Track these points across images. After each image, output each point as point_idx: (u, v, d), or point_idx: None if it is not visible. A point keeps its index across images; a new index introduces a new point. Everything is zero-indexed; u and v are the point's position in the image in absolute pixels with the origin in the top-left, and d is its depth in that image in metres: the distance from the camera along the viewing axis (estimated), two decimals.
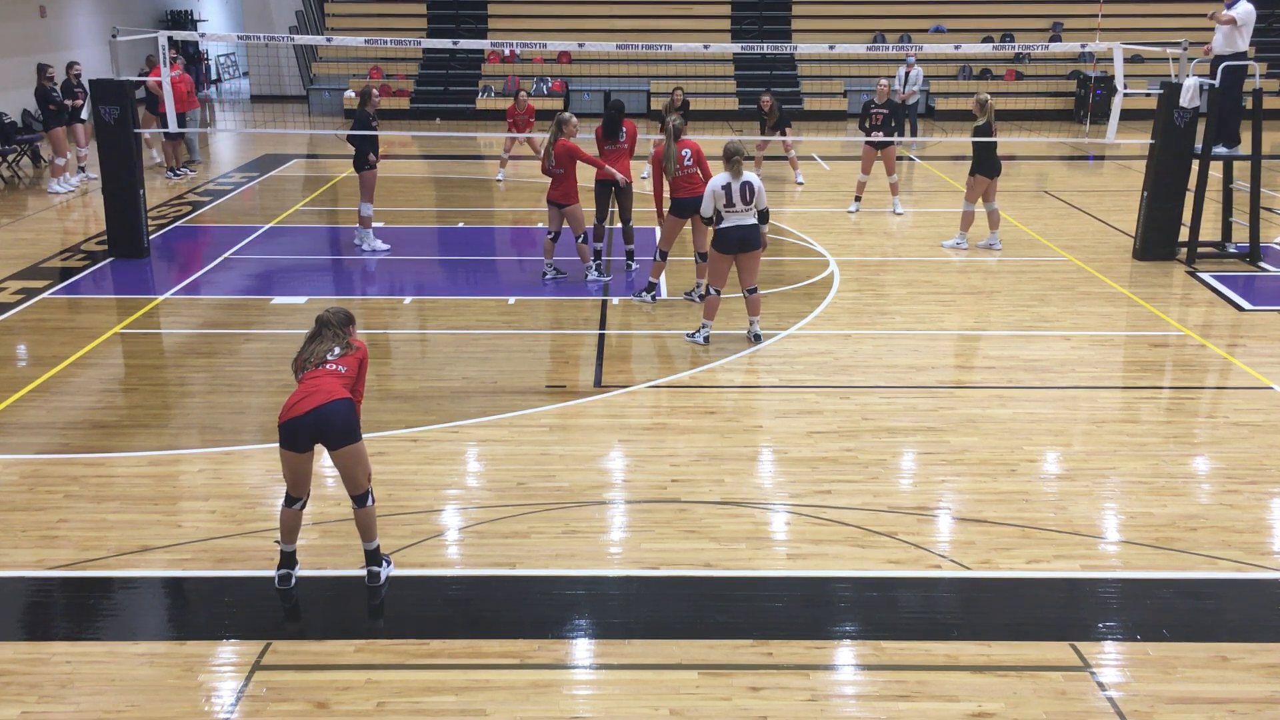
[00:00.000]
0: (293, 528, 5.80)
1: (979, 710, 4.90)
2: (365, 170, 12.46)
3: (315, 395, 5.48)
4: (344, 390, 5.56)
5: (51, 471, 7.22)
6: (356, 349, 5.79)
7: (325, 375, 5.58)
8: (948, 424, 8.02)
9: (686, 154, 10.52)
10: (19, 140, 18.05)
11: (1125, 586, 5.97)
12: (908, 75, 20.61)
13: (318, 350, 5.68)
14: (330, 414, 5.45)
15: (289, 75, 27.66)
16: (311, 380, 5.57)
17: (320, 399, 5.46)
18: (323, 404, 5.45)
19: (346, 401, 5.54)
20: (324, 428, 5.47)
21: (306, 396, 5.49)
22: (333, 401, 5.47)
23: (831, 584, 5.95)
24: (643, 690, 5.03)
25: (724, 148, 9.30)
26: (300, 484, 5.66)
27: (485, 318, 10.54)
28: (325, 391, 5.49)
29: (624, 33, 25.25)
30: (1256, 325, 10.42)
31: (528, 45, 14.39)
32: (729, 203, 9.18)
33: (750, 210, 9.26)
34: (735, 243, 9.31)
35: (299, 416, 5.45)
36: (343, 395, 5.53)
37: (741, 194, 9.19)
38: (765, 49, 21.91)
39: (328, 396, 5.47)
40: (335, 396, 5.48)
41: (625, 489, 7.05)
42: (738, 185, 9.19)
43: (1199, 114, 12.27)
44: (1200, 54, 12.69)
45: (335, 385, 5.54)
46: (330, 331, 5.74)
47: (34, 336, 9.99)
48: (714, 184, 9.22)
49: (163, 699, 4.94)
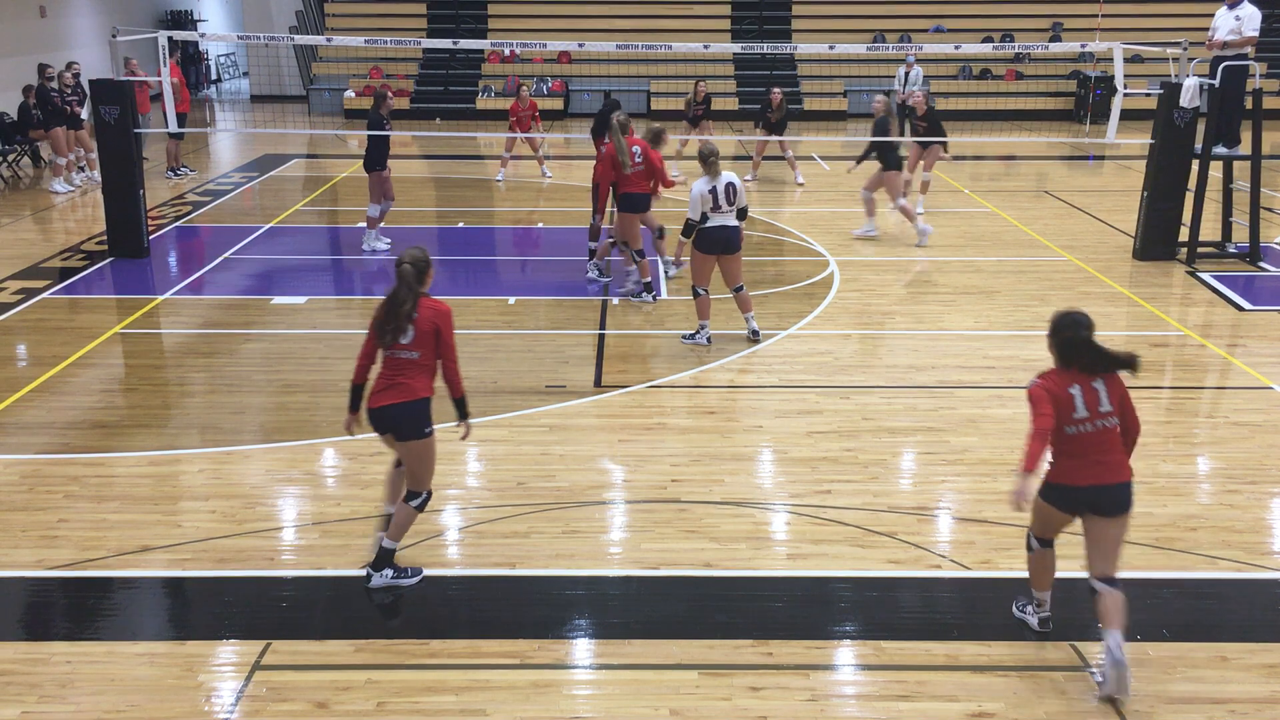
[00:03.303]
0: (397, 486, 6.00)
1: (979, 710, 4.90)
2: (375, 172, 12.50)
3: (392, 391, 5.61)
4: (421, 386, 5.63)
5: (51, 471, 7.22)
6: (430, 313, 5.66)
7: (405, 366, 5.63)
8: (948, 424, 8.01)
9: (637, 151, 10.66)
10: (18, 142, 18.05)
11: (1125, 586, 5.95)
12: (907, 75, 20.59)
13: (399, 318, 5.57)
14: (400, 414, 5.61)
15: (289, 75, 27.67)
16: (392, 370, 5.65)
17: (395, 397, 5.60)
18: (395, 403, 5.60)
19: (420, 402, 5.63)
20: (393, 425, 5.64)
21: (387, 389, 5.63)
22: (405, 403, 5.59)
23: (831, 584, 5.95)
24: (643, 690, 5.03)
25: (699, 150, 9.41)
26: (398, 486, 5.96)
27: (485, 318, 10.54)
28: (402, 388, 5.60)
29: (624, 33, 25.25)
30: (1256, 325, 10.42)
31: (528, 45, 14.40)
32: (715, 205, 9.26)
33: (732, 210, 9.34)
34: (719, 243, 9.36)
35: (374, 409, 5.64)
36: (418, 396, 5.61)
37: (726, 194, 9.27)
38: (765, 49, 21.91)
39: (402, 396, 5.59)
40: (409, 398, 5.59)
41: (625, 489, 7.05)
42: (721, 186, 9.26)
43: (1199, 114, 12.26)
44: (1202, 53, 12.68)
45: (412, 381, 5.62)
46: (405, 288, 5.62)
47: (34, 336, 9.99)
48: (699, 188, 9.27)
49: (163, 699, 4.94)
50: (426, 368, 5.66)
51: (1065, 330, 5.11)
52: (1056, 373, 5.14)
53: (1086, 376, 5.08)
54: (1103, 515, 5.07)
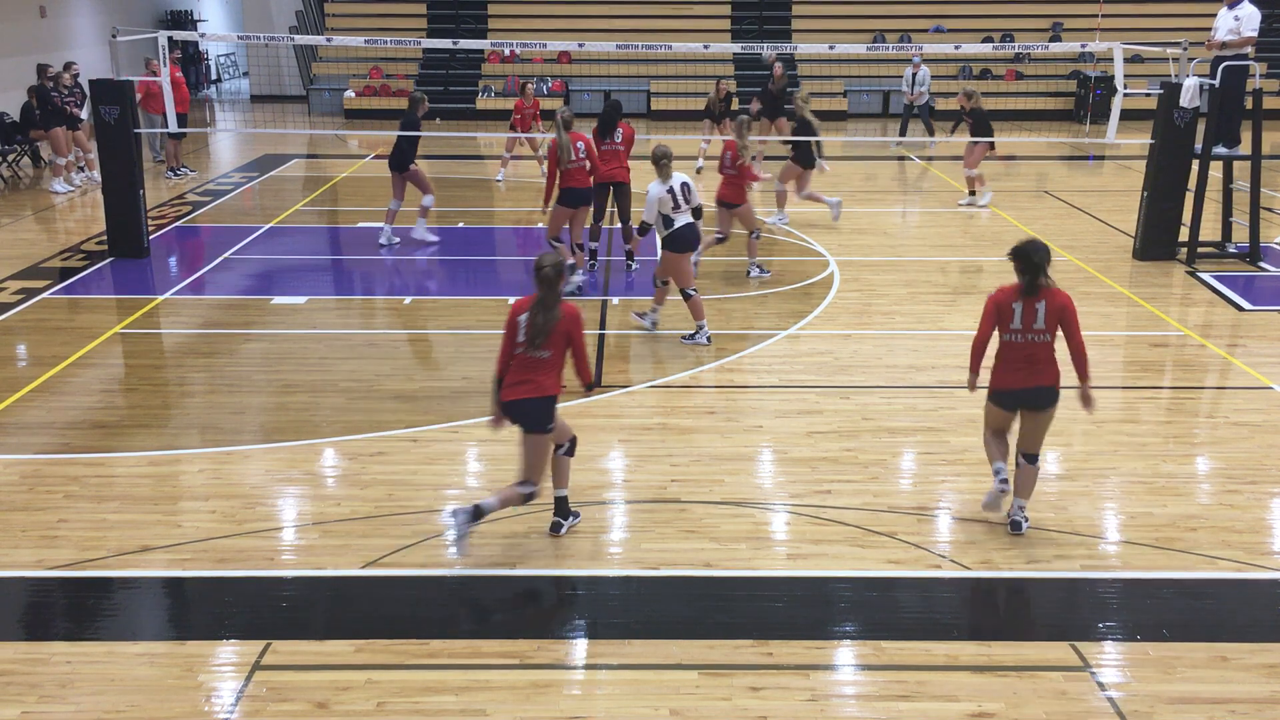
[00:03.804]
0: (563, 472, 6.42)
1: (979, 710, 4.90)
2: (407, 170, 12.77)
3: (525, 387, 6.00)
4: (551, 384, 6.03)
5: (51, 471, 7.22)
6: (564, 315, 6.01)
7: (538, 365, 6.00)
8: (948, 424, 8.02)
9: (580, 146, 10.91)
10: (19, 142, 18.05)
11: (1125, 586, 5.97)
12: (914, 76, 20.57)
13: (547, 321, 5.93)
14: (531, 409, 6.02)
15: (289, 75, 27.65)
16: (525, 368, 6.01)
17: (527, 393, 6.00)
18: (526, 398, 6.00)
19: (549, 399, 6.04)
20: (521, 418, 6.06)
21: (519, 384, 6.01)
22: (537, 399, 6.00)
23: (831, 584, 5.95)
24: (643, 690, 5.03)
25: (652, 152, 9.61)
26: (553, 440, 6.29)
27: (485, 318, 10.53)
28: (533, 385, 6.00)
29: (624, 33, 25.24)
30: (1256, 325, 10.42)
31: (528, 45, 14.41)
32: (676, 205, 9.47)
33: (688, 210, 9.56)
34: (691, 241, 9.62)
35: (506, 402, 6.06)
36: (547, 393, 6.02)
37: (683, 194, 9.52)
38: (765, 49, 21.89)
39: (532, 392, 6.00)
40: (539, 394, 6.00)
41: (625, 489, 7.05)
42: (677, 186, 9.50)
43: (1199, 114, 12.26)
44: (1202, 53, 12.68)
45: (544, 379, 6.02)
46: (551, 292, 5.94)
47: (34, 336, 9.99)
48: (655, 191, 9.47)
49: (163, 699, 4.94)
50: (556, 366, 6.05)
51: (1029, 254, 6.09)
52: (1011, 288, 6.18)
53: (1031, 297, 6.09)
54: (1034, 410, 6.24)
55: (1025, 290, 6.09)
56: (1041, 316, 6.08)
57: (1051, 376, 6.18)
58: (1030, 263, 6.06)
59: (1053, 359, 6.17)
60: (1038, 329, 6.10)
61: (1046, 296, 6.08)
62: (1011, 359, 6.18)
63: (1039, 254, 6.07)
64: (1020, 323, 6.11)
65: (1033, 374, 6.14)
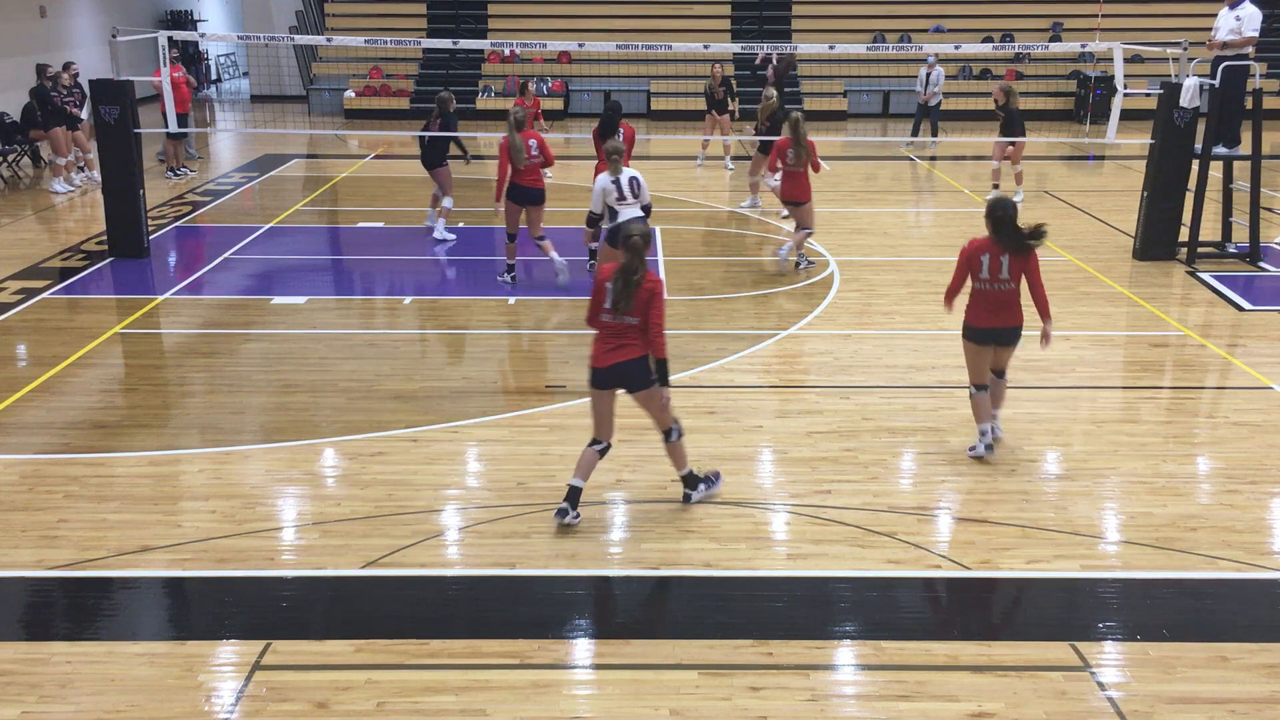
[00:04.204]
0: (588, 466, 6.56)
1: (979, 710, 4.90)
2: (441, 167, 13.22)
3: (621, 351, 6.32)
4: (642, 346, 6.33)
5: (51, 471, 7.22)
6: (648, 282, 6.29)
7: (627, 330, 6.31)
8: (948, 424, 8.02)
9: (533, 145, 11.08)
10: (19, 142, 18.05)
11: (1125, 586, 5.97)
12: (929, 77, 20.55)
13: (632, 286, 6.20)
14: (632, 369, 6.35)
15: (289, 75, 27.65)
16: (615, 334, 6.33)
17: (624, 355, 6.32)
18: (625, 360, 6.32)
19: (645, 358, 6.37)
20: (624, 380, 6.38)
21: (614, 350, 6.32)
22: (634, 359, 6.33)
23: (831, 584, 5.95)
24: (643, 690, 5.02)
25: (604, 147, 9.77)
26: (603, 424, 6.53)
27: (485, 318, 10.54)
28: (628, 348, 6.32)
29: (624, 33, 25.23)
30: (1256, 325, 10.42)
31: (528, 45, 14.41)
32: (620, 196, 9.59)
33: (637, 204, 9.67)
34: None
35: (605, 369, 6.36)
36: (640, 354, 6.34)
37: (630, 187, 9.62)
38: (765, 49, 21.89)
39: (629, 354, 6.32)
40: (635, 355, 6.33)
41: (625, 489, 7.05)
42: (625, 179, 9.61)
43: (1199, 114, 12.26)
44: (1202, 53, 12.68)
45: (635, 342, 6.32)
46: (638, 258, 6.24)
47: (34, 336, 9.99)
48: (601, 181, 9.67)
49: (163, 699, 4.94)
50: (643, 331, 6.32)
51: (996, 211, 6.96)
52: (983, 240, 7.04)
53: (999, 249, 6.96)
54: (1001, 346, 7.29)
55: (992, 244, 6.98)
56: (1006, 268, 6.97)
57: (1017, 319, 7.16)
58: (1004, 220, 6.91)
59: (1018, 304, 7.12)
60: (1003, 279, 7.00)
61: (1010, 250, 6.96)
62: (982, 303, 7.13)
63: (1005, 210, 6.94)
64: (988, 273, 7.01)
65: (1000, 317, 7.12)
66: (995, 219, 6.94)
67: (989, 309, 7.10)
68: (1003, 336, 7.21)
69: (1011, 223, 6.90)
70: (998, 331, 7.17)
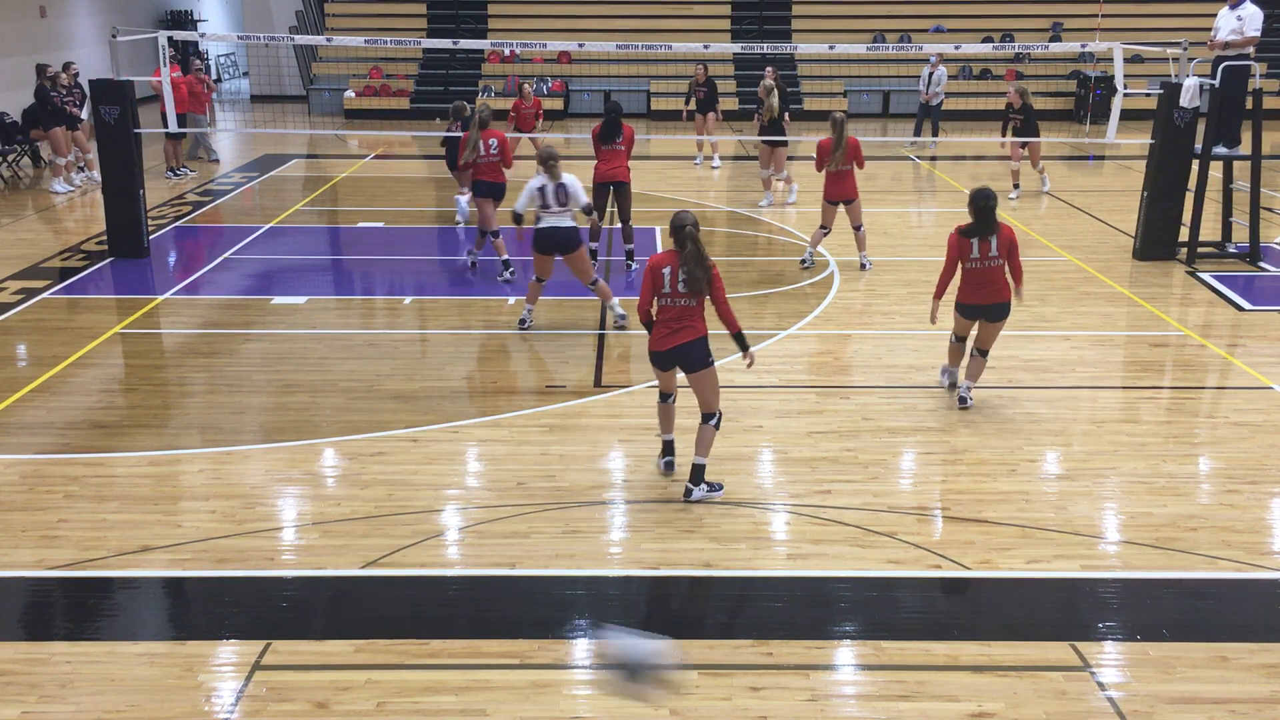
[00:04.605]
0: (668, 419, 7.15)
1: (979, 710, 4.90)
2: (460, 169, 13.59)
3: (683, 332, 6.69)
4: (702, 326, 6.74)
5: (51, 471, 7.22)
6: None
7: (686, 312, 6.69)
8: (948, 424, 8.02)
9: (493, 143, 11.41)
10: (19, 142, 18.05)
11: (1125, 586, 5.97)
12: (931, 76, 20.55)
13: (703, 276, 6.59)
14: (693, 349, 6.70)
15: (289, 75, 27.64)
16: (675, 316, 6.70)
17: (686, 336, 6.69)
18: (687, 341, 6.69)
19: (705, 338, 6.74)
20: (685, 359, 6.71)
21: (676, 332, 6.70)
22: (696, 340, 6.70)
23: (831, 584, 5.95)
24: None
25: (539, 153, 9.78)
26: (669, 384, 7.03)
27: (485, 318, 10.54)
28: (689, 329, 6.69)
29: (624, 33, 25.23)
30: (1256, 325, 10.42)
31: (528, 45, 14.41)
32: (544, 204, 9.59)
33: (566, 212, 9.64)
34: (553, 243, 9.69)
35: (666, 350, 6.74)
36: (702, 334, 6.72)
37: (556, 196, 9.57)
38: (765, 49, 21.88)
39: (690, 335, 6.69)
40: (697, 335, 6.70)
41: (625, 489, 7.05)
42: (552, 187, 9.55)
43: (1199, 114, 12.26)
44: (1202, 53, 12.67)
45: (696, 323, 6.72)
46: (694, 244, 6.59)
47: (34, 336, 9.99)
48: (530, 185, 9.66)
49: (163, 699, 4.94)
50: (701, 311, 6.72)
51: (980, 200, 7.80)
52: (967, 226, 7.88)
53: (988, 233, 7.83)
54: (988, 321, 8.07)
55: (979, 229, 7.82)
56: (995, 246, 7.85)
57: (1005, 294, 8.00)
58: (987, 208, 7.78)
59: (1004, 281, 7.95)
60: (992, 256, 7.87)
61: (996, 231, 7.83)
62: (973, 282, 7.96)
63: (988, 199, 7.79)
64: (978, 253, 7.86)
65: (990, 293, 7.95)
66: (983, 208, 7.80)
67: (979, 286, 7.93)
68: (990, 312, 8.01)
69: (994, 211, 7.82)
70: (986, 308, 7.99)
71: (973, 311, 8.08)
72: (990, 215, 7.79)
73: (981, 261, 7.89)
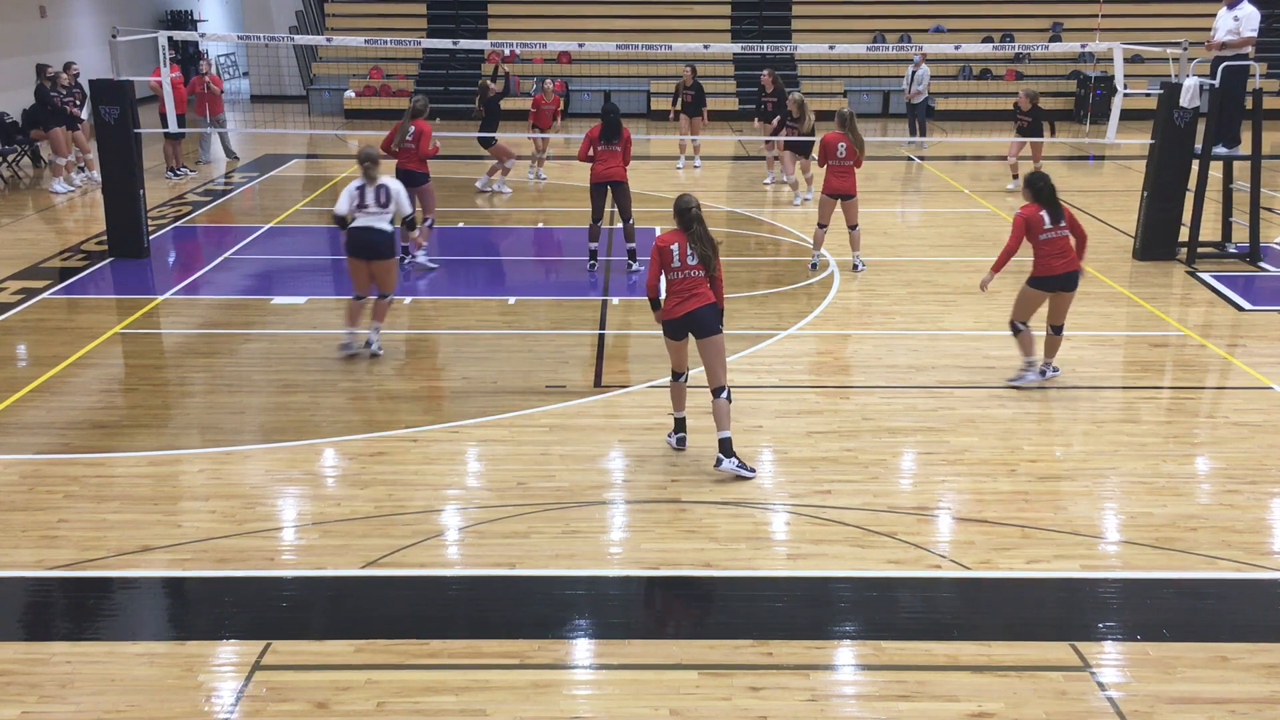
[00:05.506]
0: (680, 398, 7.50)
1: (979, 710, 4.90)
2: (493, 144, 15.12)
3: (693, 300, 7.06)
4: (711, 294, 7.11)
5: (51, 471, 7.22)
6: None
7: (696, 282, 7.08)
8: (948, 424, 8.02)
9: (412, 131, 11.71)
10: (19, 142, 18.05)
11: (1125, 586, 5.97)
12: (914, 75, 20.55)
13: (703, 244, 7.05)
14: (705, 314, 7.07)
15: (289, 75, 27.63)
16: (685, 287, 7.08)
17: (698, 303, 7.06)
18: (699, 307, 7.05)
19: (713, 305, 7.10)
20: (698, 325, 7.07)
21: (687, 299, 7.07)
22: (708, 305, 7.08)
23: (831, 584, 5.95)
24: (643, 690, 5.03)
25: (358, 154, 9.54)
26: (681, 362, 7.36)
27: (485, 318, 10.54)
28: (700, 296, 7.07)
29: (624, 33, 25.21)
30: (1256, 325, 10.42)
31: (528, 45, 14.40)
32: (361, 203, 9.27)
33: (384, 214, 9.30)
34: (362, 246, 9.27)
35: (679, 318, 7.09)
36: (710, 300, 7.09)
37: (376, 196, 9.29)
38: (765, 49, 21.88)
39: (702, 301, 7.07)
40: (708, 302, 7.08)
41: (625, 489, 7.05)
42: (371, 189, 9.27)
43: (1199, 114, 12.26)
44: (1202, 53, 12.67)
45: (706, 290, 7.10)
46: (699, 224, 7.09)
47: (34, 336, 9.99)
48: (350, 186, 9.40)
49: (163, 699, 4.94)
50: (708, 283, 7.10)
51: (1039, 182, 8.48)
52: (1033, 206, 8.45)
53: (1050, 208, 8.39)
54: (1065, 290, 8.52)
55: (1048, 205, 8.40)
56: (1062, 216, 8.42)
57: (1077, 264, 8.49)
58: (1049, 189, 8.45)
59: (1073, 248, 8.45)
60: (1060, 226, 8.38)
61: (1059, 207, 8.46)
62: (1052, 252, 8.37)
63: (1047, 178, 8.53)
64: (1051, 223, 8.37)
65: (1069, 262, 8.40)
66: (1044, 190, 8.42)
67: (1056, 256, 8.37)
68: (1066, 282, 8.45)
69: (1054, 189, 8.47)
70: (1064, 278, 8.42)
71: (1053, 283, 8.42)
72: (1055, 194, 8.43)
73: (1054, 230, 8.36)
